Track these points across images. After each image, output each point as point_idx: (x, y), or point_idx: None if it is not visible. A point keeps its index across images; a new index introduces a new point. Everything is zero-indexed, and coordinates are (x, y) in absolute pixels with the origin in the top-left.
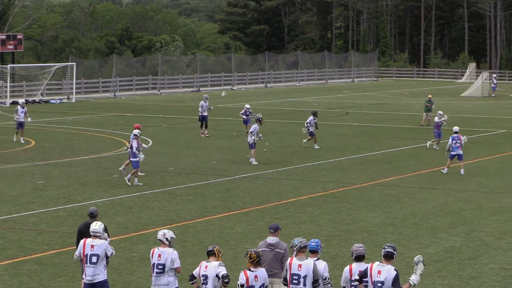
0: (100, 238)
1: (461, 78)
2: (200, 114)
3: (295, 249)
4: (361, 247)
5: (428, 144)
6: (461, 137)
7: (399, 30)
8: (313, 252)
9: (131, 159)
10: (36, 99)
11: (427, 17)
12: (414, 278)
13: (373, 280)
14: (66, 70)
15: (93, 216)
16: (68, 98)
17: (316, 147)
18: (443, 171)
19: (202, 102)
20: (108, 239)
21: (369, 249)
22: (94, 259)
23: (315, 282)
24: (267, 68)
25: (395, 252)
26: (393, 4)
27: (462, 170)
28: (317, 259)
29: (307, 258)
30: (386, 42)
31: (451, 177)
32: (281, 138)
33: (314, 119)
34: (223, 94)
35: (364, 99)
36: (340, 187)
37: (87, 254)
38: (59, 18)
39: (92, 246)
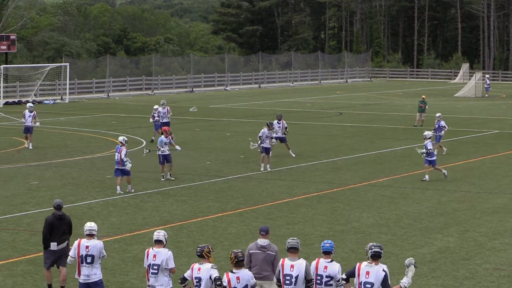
0: (95, 237)
1: (454, 79)
2: (160, 121)
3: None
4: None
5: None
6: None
7: (392, 30)
8: (327, 253)
9: (118, 167)
10: (30, 99)
11: (420, 17)
12: (405, 281)
13: (360, 281)
14: (60, 71)
15: (59, 208)
16: (61, 99)
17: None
18: (425, 179)
19: (159, 109)
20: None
21: (363, 249)
22: (89, 259)
23: (308, 282)
24: (261, 69)
25: (382, 251)
26: (387, 4)
27: (427, 176)
28: (330, 261)
29: (299, 258)
30: (380, 42)
31: (444, 178)
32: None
33: (279, 123)
34: (191, 109)
35: (358, 99)
36: (334, 187)
37: (82, 254)
38: (53, 19)
39: (87, 247)
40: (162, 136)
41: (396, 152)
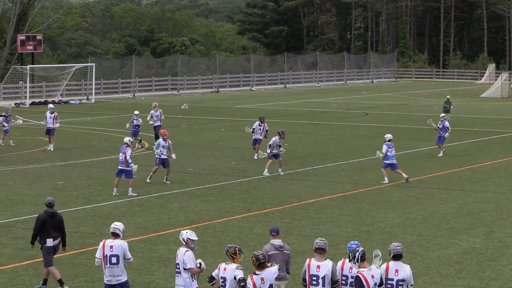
0: (120, 237)
1: (480, 79)
2: (152, 125)
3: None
4: (398, 246)
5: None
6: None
7: (418, 30)
8: None
9: (124, 168)
10: (56, 99)
11: (446, 18)
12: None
13: (371, 285)
14: (86, 71)
15: (51, 206)
16: (87, 99)
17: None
18: (383, 182)
19: (152, 112)
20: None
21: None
22: (113, 259)
23: (334, 283)
24: (286, 69)
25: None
26: (413, 5)
27: (404, 174)
28: None
29: (325, 259)
30: (405, 43)
31: (470, 178)
32: (300, 139)
33: (260, 126)
34: (183, 107)
35: (383, 100)
36: (360, 188)
37: (106, 255)
38: (79, 19)
39: (111, 246)
40: (160, 139)
41: (422, 152)
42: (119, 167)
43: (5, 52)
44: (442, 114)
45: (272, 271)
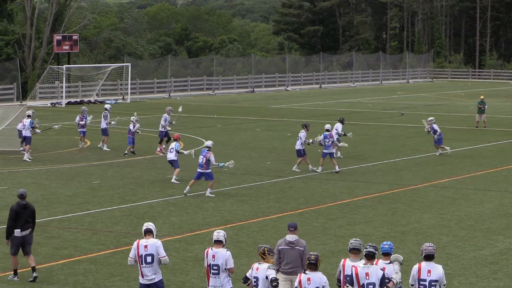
0: (153, 236)
1: None
2: (163, 129)
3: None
4: (430, 246)
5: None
6: (333, 134)
7: (454, 31)
8: (386, 254)
9: (203, 171)
10: (92, 99)
11: (482, 18)
12: (396, 277)
13: (362, 283)
14: (121, 71)
15: (23, 198)
16: (123, 99)
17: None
18: (317, 170)
19: (165, 115)
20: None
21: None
22: (149, 259)
23: None
24: (322, 69)
25: (377, 252)
26: (448, 5)
27: (336, 167)
28: (389, 262)
29: (360, 260)
30: (441, 43)
31: (506, 179)
32: None
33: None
34: (179, 109)
35: (419, 100)
36: (395, 188)
37: (141, 254)
38: (115, 19)
39: (146, 246)
40: (176, 141)
41: (458, 153)
42: (198, 170)
43: (42, 52)
44: (430, 118)
45: (322, 277)
